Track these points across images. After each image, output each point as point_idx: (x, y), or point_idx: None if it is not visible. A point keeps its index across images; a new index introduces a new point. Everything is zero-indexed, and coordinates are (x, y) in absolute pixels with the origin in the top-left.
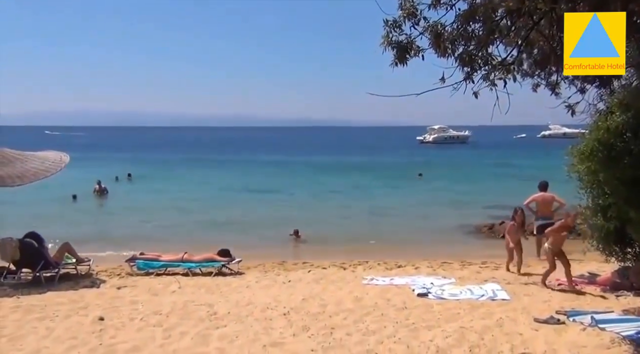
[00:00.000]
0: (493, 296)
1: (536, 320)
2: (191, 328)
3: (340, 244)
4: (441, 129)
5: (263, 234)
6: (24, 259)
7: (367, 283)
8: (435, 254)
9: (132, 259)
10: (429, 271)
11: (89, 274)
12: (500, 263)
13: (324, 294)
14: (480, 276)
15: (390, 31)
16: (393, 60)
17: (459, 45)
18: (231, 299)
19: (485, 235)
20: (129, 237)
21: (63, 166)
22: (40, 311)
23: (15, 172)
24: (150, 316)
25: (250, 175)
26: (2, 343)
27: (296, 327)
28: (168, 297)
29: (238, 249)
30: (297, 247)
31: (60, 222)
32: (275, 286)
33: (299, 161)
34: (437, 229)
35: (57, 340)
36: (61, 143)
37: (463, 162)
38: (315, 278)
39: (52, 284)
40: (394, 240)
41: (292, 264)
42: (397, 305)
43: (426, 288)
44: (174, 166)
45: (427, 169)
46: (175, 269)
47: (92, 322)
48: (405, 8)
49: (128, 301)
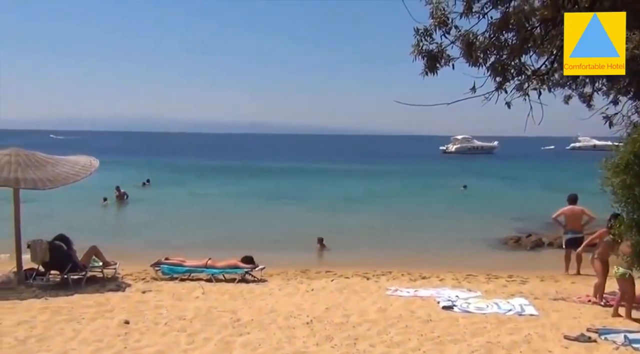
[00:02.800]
0: (521, 311)
1: (566, 337)
2: (214, 334)
3: (363, 254)
4: (465, 139)
5: (286, 241)
6: (53, 261)
7: (391, 293)
8: (460, 266)
9: (157, 264)
10: (454, 283)
11: (114, 278)
12: (528, 277)
13: (347, 304)
14: (507, 290)
15: (420, 40)
16: (423, 70)
17: (491, 54)
18: (254, 306)
19: (512, 248)
20: (152, 242)
21: (93, 171)
22: (67, 313)
23: (47, 175)
24: (174, 321)
25: (272, 182)
26: (31, 343)
27: (319, 336)
28: (192, 302)
29: (261, 256)
30: (320, 255)
31: (86, 225)
32: (298, 294)
33: (322, 169)
34: (462, 240)
35: (83, 342)
36: (77, 147)
37: (488, 172)
38: (339, 287)
39: (79, 286)
40: (418, 251)
41: (315, 272)
42: (421, 317)
43: (451, 301)
44: (193, 171)
45: (450, 177)
46: (199, 274)
47: (118, 325)
48: (436, 17)
49: (153, 305)
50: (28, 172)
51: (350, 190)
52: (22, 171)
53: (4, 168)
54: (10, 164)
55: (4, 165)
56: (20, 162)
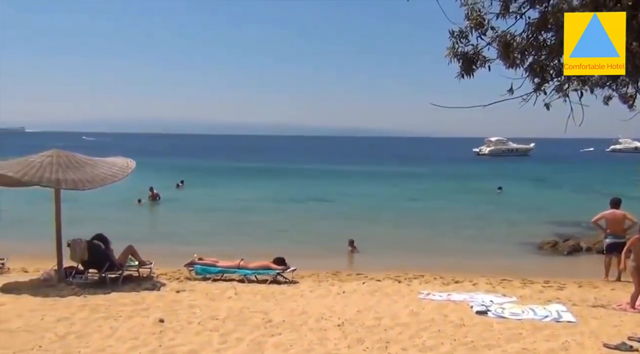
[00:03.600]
0: (558, 317)
1: (606, 346)
2: (247, 334)
3: (395, 257)
4: (499, 141)
5: (317, 243)
6: (92, 260)
7: (423, 297)
8: (494, 270)
9: (190, 264)
10: (488, 288)
11: (150, 277)
12: (565, 283)
13: (378, 307)
14: (543, 295)
15: (456, 42)
16: (459, 72)
17: (529, 55)
18: (286, 308)
19: (548, 252)
20: (185, 242)
21: (129, 172)
22: (104, 311)
23: (86, 176)
24: (207, 320)
25: (303, 184)
26: (70, 339)
27: (351, 339)
28: (224, 302)
29: (291, 257)
30: (351, 258)
31: (122, 224)
32: (330, 296)
33: (353, 171)
34: (497, 244)
35: (120, 340)
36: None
37: (523, 175)
38: (370, 290)
39: (116, 285)
40: (451, 254)
41: (347, 274)
42: (454, 322)
43: (485, 306)
44: (225, 173)
45: (484, 180)
46: (231, 275)
47: (153, 324)
48: (472, 18)
49: (186, 304)
50: (68, 173)
51: (382, 192)
52: (62, 172)
53: (46, 169)
54: (51, 165)
55: (46, 166)
56: (61, 163)
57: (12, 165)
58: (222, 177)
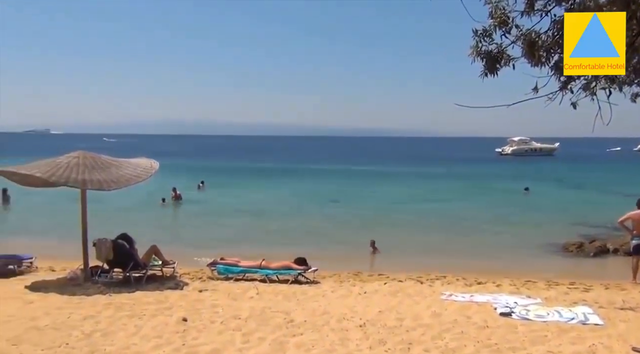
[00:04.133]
0: (584, 320)
1: (635, 349)
2: (269, 334)
3: (417, 258)
4: (522, 140)
5: (338, 244)
6: (116, 259)
7: (445, 298)
8: (518, 271)
9: (213, 264)
10: (512, 289)
11: (173, 276)
12: (591, 285)
13: (400, 308)
14: (569, 297)
15: (479, 41)
16: (482, 71)
17: (555, 53)
18: (307, 308)
19: (574, 254)
20: (207, 243)
21: (153, 172)
22: (129, 309)
23: (111, 177)
24: (229, 320)
25: (323, 184)
26: (96, 337)
27: (372, 340)
28: (246, 302)
29: (312, 258)
30: (372, 258)
31: (145, 224)
32: (351, 296)
33: (375, 171)
34: (521, 245)
35: (144, 338)
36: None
37: (547, 175)
38: (392, 291)
39: (140, 284)
40: (474, 255)
41: (368, 275)
42: (478, 323)
43: (509, 307)
44: (245, 174)
45: (507, 180)
46: (253, 275)
47: (176, 322)
48: (496, 16)
49: (209, 304)
50: (94, 174)
51: (404, 193)
52: (88, 173)
53: (73, 170)
54: (78, 166)
55: (72, 167)
56: (87, 164)
57: (40, 166)
58: (242, 178)
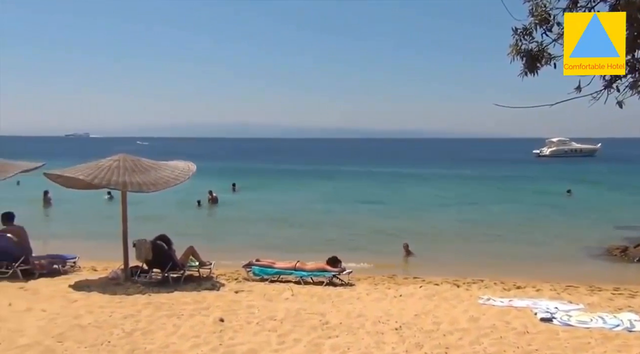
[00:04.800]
0: (630, 327)
1: None
2: (304, 335)
3: (453, 261)
4: (561, 141)
5: (372, 246)
6: (155, 259)
7: (483, 302)
8: (559, 276)
9: (248, 265)
10: (552, 294)
11: (209, 277)
12: (637, 291)
13: (437, 311)
14: (614, 303)
15: (519, 39)
16: (522, 70)
17: None
18: (342, 310)
19: (618, 258)
20: (242, 244)
21: (191, 174)
22: (168, 309)
23: (150, 179)
24: (265, 321)
25: (358, 186)
26: (136, 335)
27: (409, 344)
28: (282, 303)
29: (346, 260)
30: (406, 261)
31: (183, 226)
32: (386, 299)
33: (411, 173)
34: (562, 248)
35: (182, 337)
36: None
37: (588, 177)
38: (428, 294)
39: (178, 284)
40: (513, 259)
41: (403, 278)
42: (517, 329)
43: (550, 313)
44: (279, 176)
45: (546, 182)
46: (287, 276)
47: (213, 322)
48: (536, 14)
49: (245, 305)
50: (134, 177)
51: (437, 195)
52: (129, 175)
53: (114, 172)
54: (119, 169)
55: (114, 169)
56: (127, 167)
57: (82, 169)
58: (276, 180)
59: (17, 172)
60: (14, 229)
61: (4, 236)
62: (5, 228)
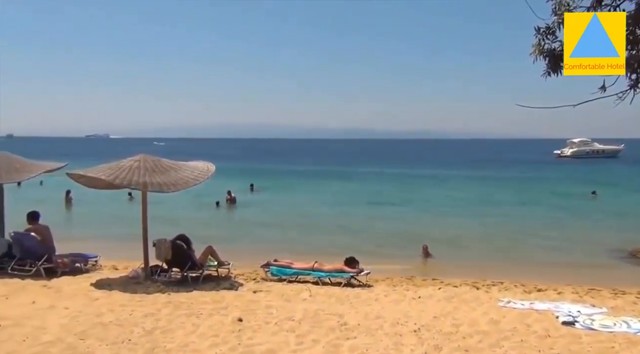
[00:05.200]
0: None
1: None
2: (322, 336)
3: (472, 262)
4: (582, 142)
5: (390, 247)
6: (175, 259)
7: (503, 305)
8: (582, 279)
9: (266, 265)
10: (574, 297)
11: (228, 277)
12: None
13: (456, 314)
14: (638, 307)
15: (542, 39)
16: (545, 70)
17: (625, 49)
18: (361, 311)
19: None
20: (260, 244)
21: (210, 175)
22: (187, 308)
23: (170, 180)
24: (283, 321)
25: (375, 187)
26: (156, 334)
27: (428, 346)
28: (300, 304)
29: (364, 262)
30: (425, 263)
31: (202, 226)
32: (405, 301)
33: (426, 174)
34: (585, 251)
35: (201, 336)
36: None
37: (611, 178)
38: (447, 296)
39: (197, 284)
40: (534, 261)
41: (422, 280)
42: (538, 332)
43: (572, 316)
44: (297, 176)
45: (569, 183)
46: (305, 277)
47: (232, 322)
48: (559, 13)
49: (263, 305)
50: (154, 177)
51: (460, 197)
52: (149, 176)
53: (135, 172)
54: (139, 169)
55: (134, 170)
56: (147, 167)
57: (104, 169)
58: (294, 180)
59: (40, 172)
60: (38, 228)
61: (29, 235)
62: (30, 227)
